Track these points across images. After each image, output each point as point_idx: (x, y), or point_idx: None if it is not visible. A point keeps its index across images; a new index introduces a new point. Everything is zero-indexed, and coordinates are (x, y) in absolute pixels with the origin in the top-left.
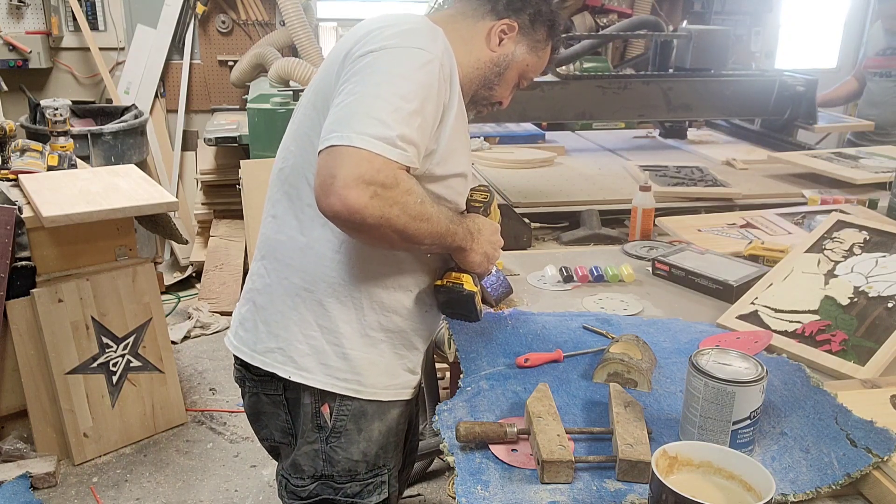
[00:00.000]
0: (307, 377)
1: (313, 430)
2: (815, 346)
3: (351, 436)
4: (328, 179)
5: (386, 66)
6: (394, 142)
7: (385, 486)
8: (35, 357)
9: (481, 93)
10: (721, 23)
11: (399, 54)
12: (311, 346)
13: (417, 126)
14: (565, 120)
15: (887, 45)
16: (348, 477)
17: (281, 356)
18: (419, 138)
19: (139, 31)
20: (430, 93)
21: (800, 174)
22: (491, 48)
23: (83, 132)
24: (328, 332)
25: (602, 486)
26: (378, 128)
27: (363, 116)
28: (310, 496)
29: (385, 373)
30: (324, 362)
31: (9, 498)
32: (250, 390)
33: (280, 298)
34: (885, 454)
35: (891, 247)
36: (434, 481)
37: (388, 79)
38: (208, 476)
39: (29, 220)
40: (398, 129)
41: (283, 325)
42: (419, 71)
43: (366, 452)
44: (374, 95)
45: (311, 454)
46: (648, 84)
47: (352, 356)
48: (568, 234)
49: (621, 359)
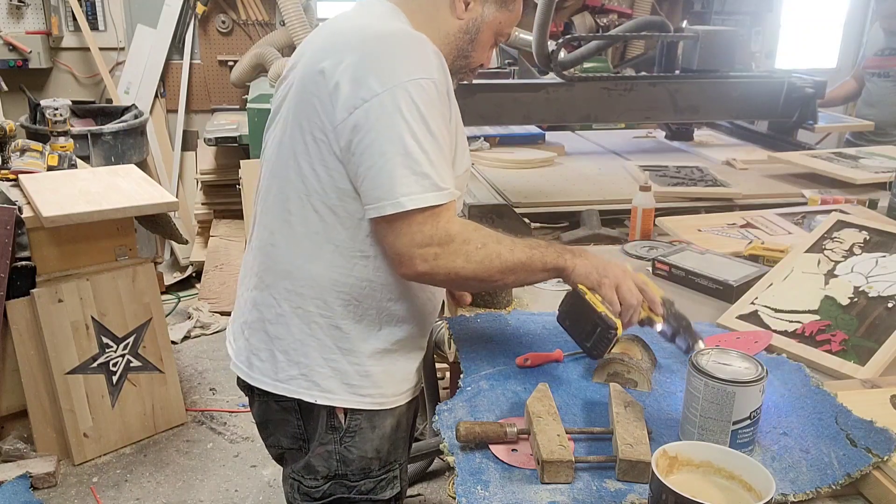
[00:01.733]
0: (332, 398)
1: (327, 432)
2: (815, 346)
3: (365, 434)
4: (395, 257)
5: (395, 115)
6: (438, 186)
7: (397, 481)
8: (35, 357)
9: (458, 63)
10: (721, 23)
11: (403, 95)
12: (332, 368)
13: (442, 158)
14: (570, 122)
15: (886, 46)
16: (362, 474)
17: (304, 382)
18: (448, 168)
19: (139, 31)
20: (441, 118)
21: (800, 174)
22: (458, 16)
23: (83, 132)
24: (348, 353)
25: (602, 486)
26: (420, 181)
27: (401, 177)
28: (324, 496)
29: (402, 380)
30: (347, 382)
31: (9, 498)
32: (260, 399)
33: (297, 327)
34: (885, 454)
35: (891, 247)
36: (434, 481)
37: (404, 128)
38: (208, 476)
39: (29, 220)
40: (433, 172)
41: (303, 353)
42: (426, 104)
43: (379, 449)
44: (399, 151)
45: (325, 455)
46: (655, 86)
47: (372, 372)
48: (568, 234)
49: (621, 359)
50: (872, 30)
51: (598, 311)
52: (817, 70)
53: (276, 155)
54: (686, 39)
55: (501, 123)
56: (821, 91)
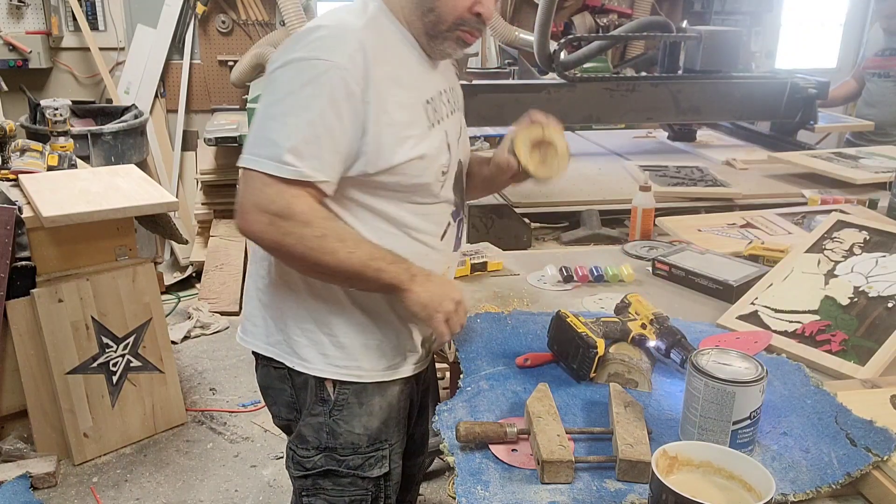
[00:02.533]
0: (309, 367)
1: (317, 403)
2: (815, 346)
3: (353, 409)
4: (237, 204)
5: (281, 84)
6: (281, 158)
7: (386, 461)
8: (35, 357)
9: (429, 20)
10: (721, 23)
11: (295, 69)
12: (308, 338)
13: (312, 137)
14: (572, 123)
15: (886, 46)
16: (350, 450)
17: (286, 347)
18: (317, 150)
19: (139, 31)
20: (324, 103)
21: (800, 174)
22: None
23: (83, 132)
24: (322, 324)
25: (602, 486)
26: (268, 147)
27: (258, 138)
28: (314, 467)
29: (382, 355)
30: (322, 352)
31: (9, 498)
32: (261, 362)
33: (280, 295)
34: (884, 454)
35: (891, 247)
36: (434, 481)
37: (282, 97)
38: (208, 476)
39: (29, 220)
40: (287, 143)
41: (283, 320)
42: (311, 84)
43: (367, 426)
44: (269, 116)
45: (316, 426)
46: (657, 86)
47: (346, 344)
48: (568, 234)
49: (621, 359)
50: (872, 30)
51: (578, 333)
52: (817, 70)
53: None
54: (689, 40)
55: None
56: (824, 91)
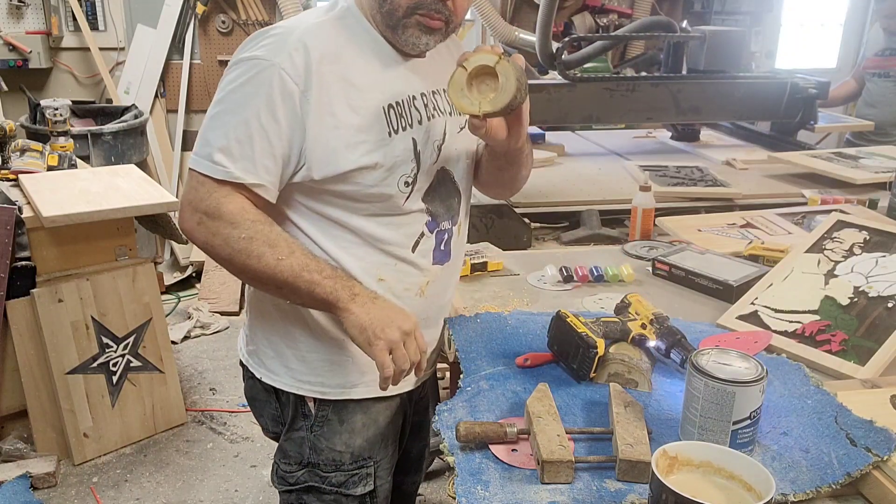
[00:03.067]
0: (275, 380)
1: (299, 418)
2: (815, 346)
3: (333, 426)
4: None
5: (225, 83)
6: (212, 158)
7: (370, 479)
8: (35, 357)
9: (385, 9)
10: (721, 23)
11: (238, 69)
12: (275, 350)
13: (245, 138)
14: (572, 123)
15: (886, 46)
16: (333, 466)
17: (256, 359)
18: (250, 151)
19: (139, 31)
20: (260, 102)
21: (800, 174)
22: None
23: (83, 132)
24: (286, 337)
25: (602, 486)
26: (203, 147)
27: (199, 137)
28: (297, 482)
29: (349, 371)
30: (287, 365)
31: (9, 498)
32: (248, 374)
33: (255, 306)
34: (884, 454)
35: (891, 247)
36: (434, 481)
37: (222, 96)
38: (208, 476)
39: (29, 220)
40: (218, 143)
41: (254, 331)
42: (249, 83)
43: (349, 444)
44: (209, 115)
45: (298, 441)
46: (657, 86)
47: (309, 358)
48: (568, 234)
49: (621, 359)
50: (872, 30)
51: (578, 333)
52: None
53: None
54: (693, 40)
55: None
56: (824, 91)
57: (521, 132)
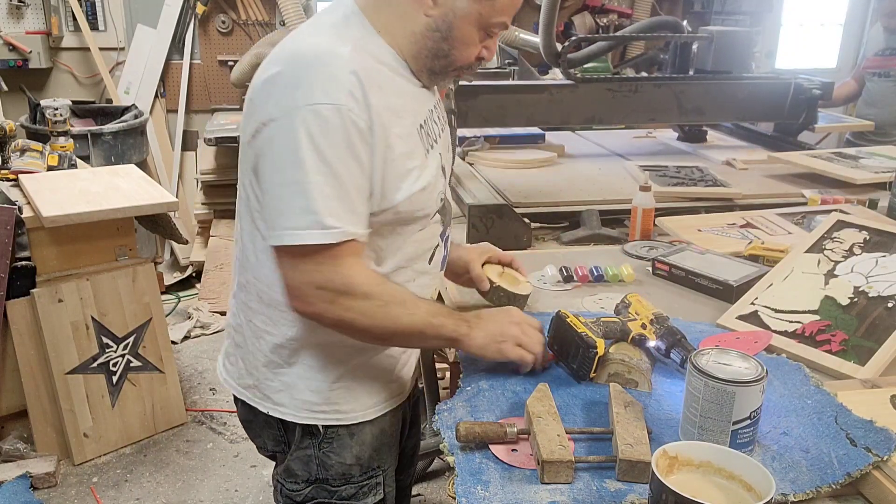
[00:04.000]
0: (285, 412)
1: (306, 437)
2: (815, 346)
3: (343, 441)
4: (291, 290)
5: (286, 143)
6: (323, 224)
7: (381, 487)
8: (35, 357)
9: (438, 63)
10: (721, 23)
11: (296, 122)
12: (282, 382)
13: (341, 192)
14: (574, 125)
15: (886, 46)
16: (343, 480)
17: (259, 393)
18: (350, 203)
19: (139, 31)
20: (342, 150)
21: (800, 174)
22: (426, 13)
23: (83, 132)
24: (297, 367)
25: (602, 486)
26: (304, 217)
27: (285, 210)
28: (305, 500)
29: (363, 395)
30: (297, 397)
31: (9, 498)
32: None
33: (250, 340)
34: (884, 454)
35: (891, 247)
36: (434, 481)
37: (293, 158)
38: (208, 476)
39: (29, 220)
40: (322, 207)
41: (255, 365)
42: (323, 133)
43: (359, 456)
44: (286, 182)
45: (305, 459)
46: (660, 87)
47: (322, 388)
48: (568, 234)
49: (621, 359)
50: (873, 30)
51: (578, 333)
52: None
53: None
54: (700, 40)
55: (504, 125)
56: (828, 92)
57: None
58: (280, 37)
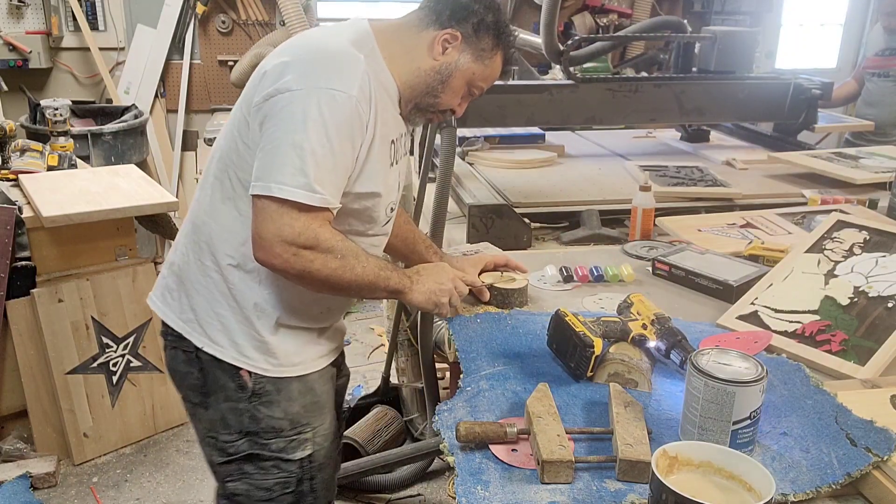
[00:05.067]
0: (219, 350)
1: (236, 390)
2: (815, 346)
3: (272, 397)
4: (257, 238)
5: (299, 112)
6: (311, 188)
7: (309, 443)
8: (35, 357)
9: (427, 100)
10: (721, 23)
11: (312, 98)
12: (222, 323)
13: (332, 166)
14: (575, 125)
15: (887, 46)
16: (273, 433)
17: (198, 327)
18: (336, 177)
19: (139, 31)
20: (346, 132)
21: (800, 174)
22: (434, 57)
23: (83, 132)
24: (237, 312)
25: (602, 486)
26: (296, 177)
27: (281, 166)
28: (237, 451)
29: (295, 352)
30: (233, 339)
31: (9, 498)
32: (170, 344)
33: (196, 277)
34: (884, 454)
35: (891, 247)
36: (434, 481)
37: (302, 126)
38: (208, 476)
39: (29, 220)
40: (314, 173)
41: (197, 301)
42: (332, 115)
43: (287, 411)
44: (290, 143)
45: (237, 412)
46: (660, 87)
47: (258, 337)
48: (568, 234)
49: (621, 359)
50: (873, 30)
51: (576, 332)
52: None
53: (226, 126)
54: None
55: (505, 125)
56: (827, 92)
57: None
58: (280, 37)
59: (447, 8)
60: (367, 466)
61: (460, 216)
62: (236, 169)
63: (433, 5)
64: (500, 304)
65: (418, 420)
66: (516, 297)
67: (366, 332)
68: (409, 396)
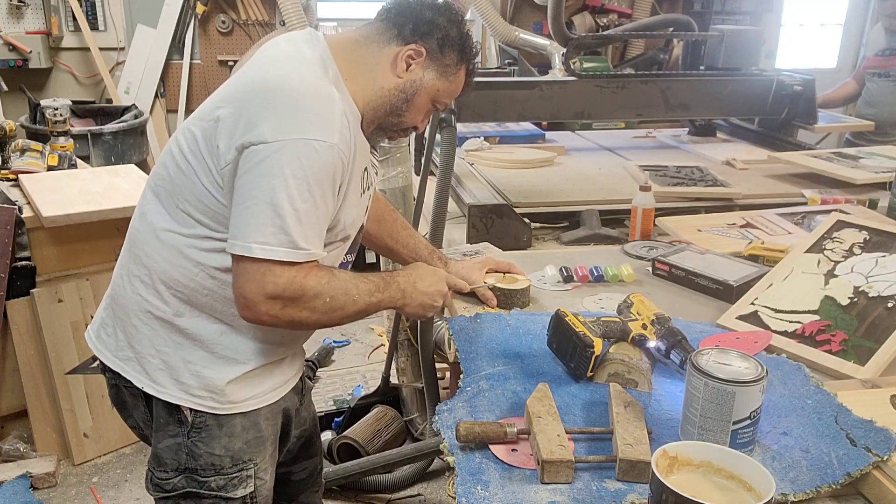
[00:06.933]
0: (161, 391)
1: (175, 425)
2: (815, 346)
3: (212, 431)
4: (241, 299)
5: (277, 167)
6: (295, 244)
7: (251, 480)
8: (35, 357)
9: (390, 120)
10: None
11: (289, 150)
12: (163, 361)
13: (315, 219)
14: (564, 119)
15: (887, 46)
16: (212, 471)
17: (137, 366)
18: (320, 228)
19: (139, 31)
20: (325, 182)
21: (800, 174)
22: (397, 74)
23: (83, 132)
24: (180, 349)
25: (602, 486)
26: (278, 236)
27: (260, 226)
28: (174, 489)
29: (242, 388)
30: (176, 378)
31: (9, 498)
32: (110, 381)
33: (133, 312)
34: (884, 454)
35: (891, 247)
36: (434, 481)
37: (282, 182)
38: None
39: (29, 220)
40: (296, 230)
41: (137, 339)
42: (313, 168)
43: (228, 447)
44: (269, 202)
45: (174, 447)
46: (647, 83)
47: (204, 374)
48: (568, 234)
49: (621, 359)
50: (874, 30)
51: (576, 332)
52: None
53: (170, 143)
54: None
55: (497, 120)
56: (810, 88)
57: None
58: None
59: (409, 21)
60: (367, 466)
61: (460, 216)
62: (180, 196)
63: (393, 18)
64: (502, 304)
65: (418, 420)
66: (519, 298)
67: (366, 332)
68: (409, 396)
